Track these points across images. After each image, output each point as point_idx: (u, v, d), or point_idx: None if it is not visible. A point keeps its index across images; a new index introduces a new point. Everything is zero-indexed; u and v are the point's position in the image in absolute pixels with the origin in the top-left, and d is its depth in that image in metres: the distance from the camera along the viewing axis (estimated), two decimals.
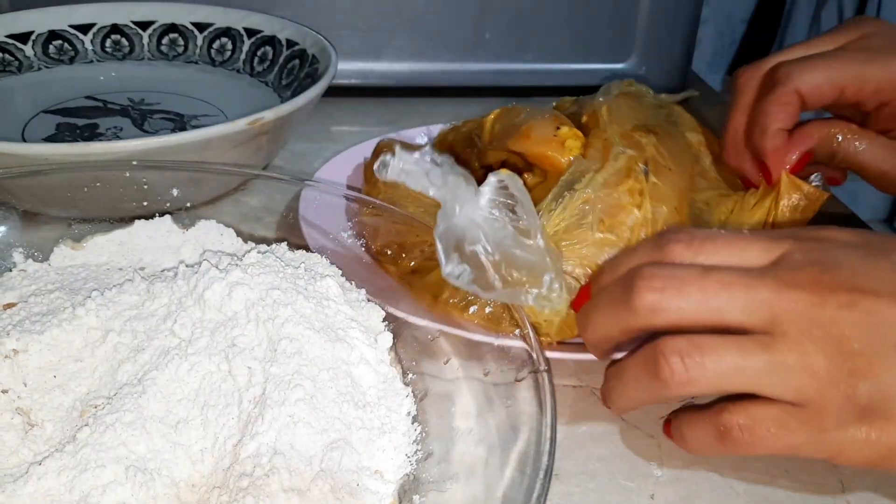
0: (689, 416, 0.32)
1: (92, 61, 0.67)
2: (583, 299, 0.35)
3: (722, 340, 0.29)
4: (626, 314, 0.31)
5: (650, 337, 0.31)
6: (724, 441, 0.30)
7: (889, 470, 0.29)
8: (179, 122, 0.60)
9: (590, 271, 0.39)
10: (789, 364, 0.28)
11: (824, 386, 0.28)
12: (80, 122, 0.59)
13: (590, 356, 0.36)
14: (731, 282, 0.29)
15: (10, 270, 0.40)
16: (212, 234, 0.43)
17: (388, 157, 0.34)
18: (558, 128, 0.45)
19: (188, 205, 0.46)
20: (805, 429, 0.29)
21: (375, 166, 0.35)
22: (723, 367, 0.29)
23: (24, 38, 0.64)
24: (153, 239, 0.43)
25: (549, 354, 0.35)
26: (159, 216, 0.44)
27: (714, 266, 0.30)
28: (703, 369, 0.29)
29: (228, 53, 0.68)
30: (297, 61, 0.64)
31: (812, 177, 0.45)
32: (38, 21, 0.65)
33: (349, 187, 0.53)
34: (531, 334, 0.34)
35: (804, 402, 0.29)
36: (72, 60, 0.66)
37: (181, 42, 0.68)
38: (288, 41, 0.65)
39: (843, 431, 0.28)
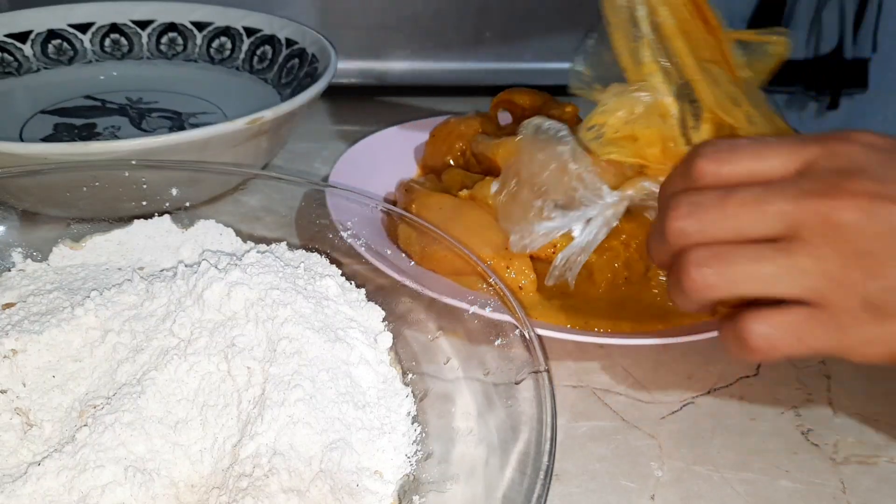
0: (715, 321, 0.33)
1: (91, 61, 0.66)
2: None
3: (741, 248, 0.31)
4: (664, 241, 0.33)
5: None
6: (745, 347, 0.31)
7: None
8: (177, 121, 0.60)
9: None
10: (805, 267, 0.30)
11: (840, 287, 0.29)
12: (77, 121, 0.59)
13: (576, 336, 0.40)
14: (749, 201, 0.31)
15: (9, 270, 0.40)
16: (211, 233, 0.43)
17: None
18: None
19: (187, 204, 0.46)
20: (824, 331, 0.30)
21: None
22: (741, 271, 0.30)
23: (23, 37, 0.64)
24: (152, 239, 0.43)
25: (541, 332, 0.37)
26: (158, 216, 0.44)
27: (737, 185, 0.32)
28: (721, 276, 0.31)
29: (228, 52, 0.68)
30: (296, 60, 0.63)
31: None
32: (37, 20, 0.64)
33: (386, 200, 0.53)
34: (530, 334, 0.34)
35: (820, 303, 0.30)
36: (71, 61, 0.66)
37: (180, 41, 0.68)
38: (287, 40, 0.65)
39: (858, 330, 0.29)
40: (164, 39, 0.68)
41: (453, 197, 0.47)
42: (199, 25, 0.68)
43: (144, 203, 0.44)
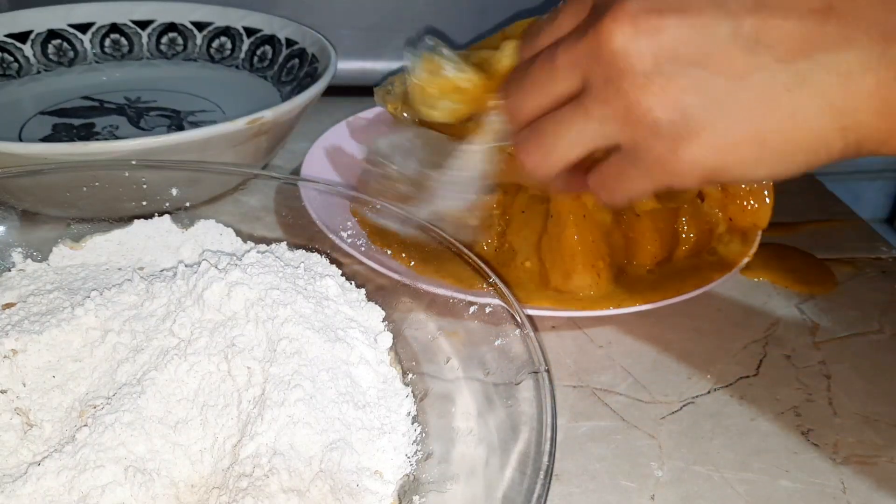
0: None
1: (91, 62, 0.66)
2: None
3: (550, 118, 0.33)
4: (509, 122, 0.36)
5: None
6: (601, 197, 0.34)
7: (715, 182, 0.31)
8: (176, 119, 0.60)
9: None
10: (596, 114, 0.31)
11: (630, 125, 0.30)
12: (76, 121, 0.59)
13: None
14: (543, 62, 0.32)
15: (9, 270, 0.40)
16: (211, 233, 0.43)
17: None
18: None
19: (187, 204, 0.46)
20: (636, 169, 0.31)
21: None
22: (555, 143, 0.32)
23: (23, 37, 0.64)
24: (152, 239, 0.43)
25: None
26: (158, 216, 0.44)
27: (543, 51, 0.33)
28: (544, 152, 0.33)
29: (228, 52, 0.68)
30: (296, 60, 0.63)
31: None
32: (37, 20, 0.64)
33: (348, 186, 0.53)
34: (531, 334, 0.34)
35: (623, 144, 0.31)
36: (71, 62, 0.66)
37: (180, 41, 0.68)
38: (287, 40, 0.65)
39: (663, 160, 0.30)
40: (165, 39, 0.68)
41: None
42: (199, 25, 0.68)
43: (144, 203, 0.44)
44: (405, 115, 0.48)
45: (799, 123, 0.28)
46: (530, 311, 0.43)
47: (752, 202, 0.50)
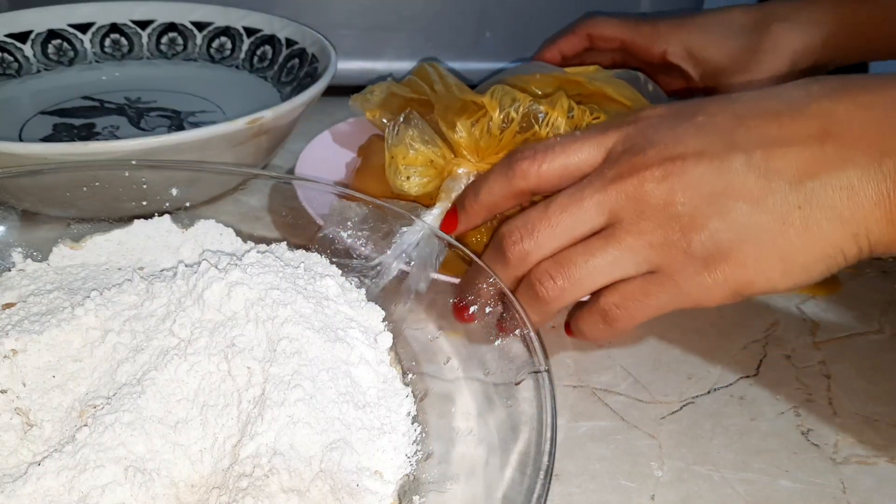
0: (578, 312, 0.38)
1: (91, 62, 0.66)
2: (451, 223, 0.41)
3: (575, 249, 0.35)
4: (508, 267, 0.37)
5: None
6: (607, 321, 0.36)
7: (742, 297, 0.33)
8: (176, 119, 0.60)
9: None
10: (631, 245, 0.34)
11: (665, 250, 0.33)
12: (76, 122, 0.59)
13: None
14: (567, 203, 0.35)
15: (9, 270, 0.40)
16: (211, 233, 0.43)
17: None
18: None
19: (187, 204, 0.46)
20: (664, 289, 0.34)
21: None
22: (581, 270, 0.34)
23: (23, 37, 0.64)
24: (152, 239, 0.43)
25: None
26: (158, 216, 0.44)
27: (556, 195, 0.36)
28: (568, 280, 0.35)
29: (228, 52, 0.68)
30: (296, 60, 0.63)
31: None
32: (37, 20, 0.64)
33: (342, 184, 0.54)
34: (531, 335, 0.34)
35: (656, 269, 0.34)
36: (71, 62, 0.66)
37: (180, 41, 0.68)
38: (287, 40, 0.65)
39: (694, 281, 0.33)
40: (165, 39, 0.68)
41: None
42: (199, 25, 0.68)
43: (144, 203, 0.44)
44: (384, 120, 0.50)
45: (813, 236, 0.31)
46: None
47: None
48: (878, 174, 0.30)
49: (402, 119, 0.46)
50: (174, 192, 0.45)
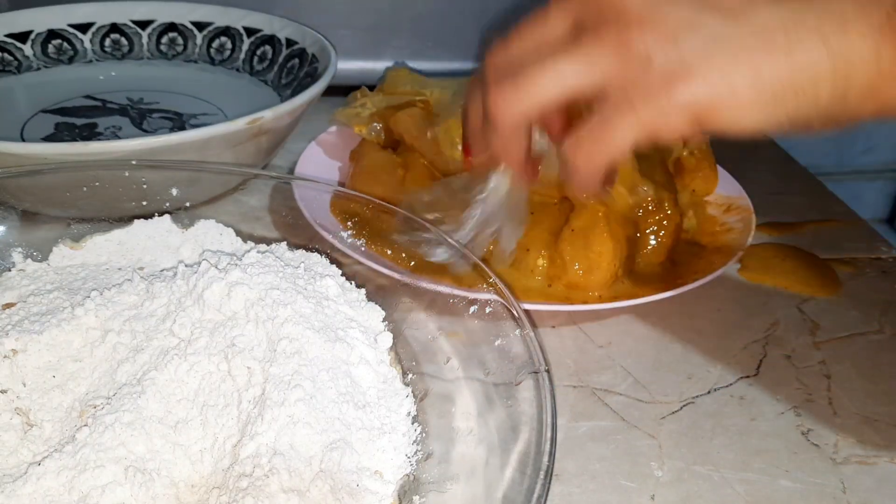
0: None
1: (91, 61, 0.67)
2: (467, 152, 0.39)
3: (534, 51, 0.32)
4: (484, 84, 0.33)
5: None
6: (570, 172, 0.32)
7: (701, 130, 0.30)
8: (178, 122, 0.60)
9: None
10: (588, 50, 0.30)
11: (623, 61, 0.29)
12: (78, 121, 0.59)
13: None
14: (536, 13, 0.32)
15: (9, 270, 0.40)
16: (211, 233, 0.43)
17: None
18: None
19: (187, 204, 0.46)
20: (618, 116, 0.30)
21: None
22: (536, 70, 0.31)
23: (23, 37, 0.64)
24: (152, 239, 0.43)
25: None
26: (158, 216, 0.44)
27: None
28: (526, 77, 0.31)
29: (228, 52, 0.67)
30: (296, 60, 0.63)
31: None
32: (38, 20, 0.64)
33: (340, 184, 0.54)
34: (530, 334, 0.34)
35: (611, 87, 0.30)
36: (71, 60, 0.66)
37: (180, 41, 0.68)
38: (287, 40, 0.65)
39: (651, 104, 0.29)
40: (165, 39, 0.68)
41: None
42: (200, 25, 0.68)
43: (144, 203, 0.44)
44: (372, 134, 0.51)
45: (794, 61, 0.28)
46: (544, 307, 0.45)
47: (701, 172, 0.54)
48: (874, 6, 0.27)
49: (450, 94, 0.44)
50: (174, 192, 0.45)
